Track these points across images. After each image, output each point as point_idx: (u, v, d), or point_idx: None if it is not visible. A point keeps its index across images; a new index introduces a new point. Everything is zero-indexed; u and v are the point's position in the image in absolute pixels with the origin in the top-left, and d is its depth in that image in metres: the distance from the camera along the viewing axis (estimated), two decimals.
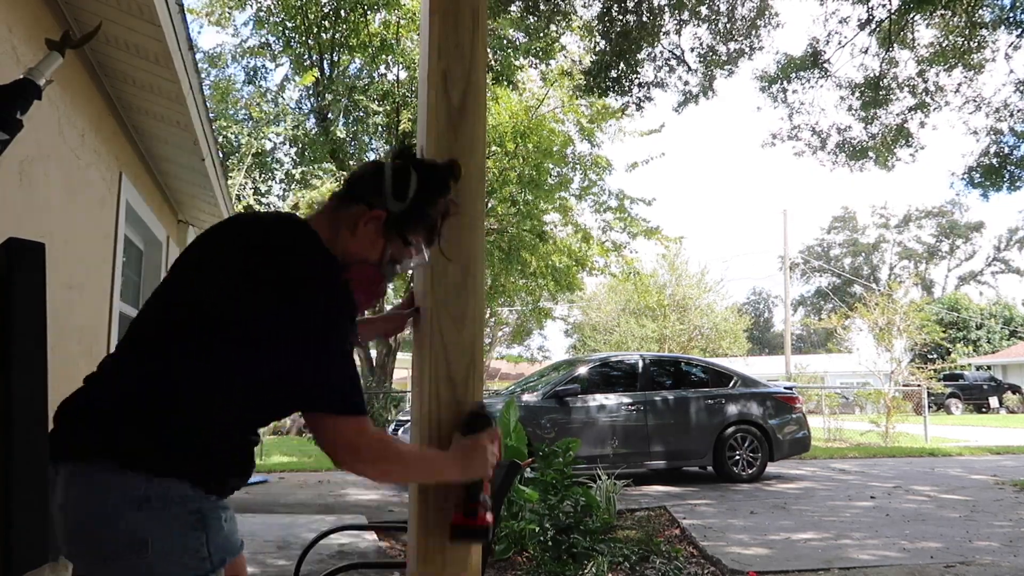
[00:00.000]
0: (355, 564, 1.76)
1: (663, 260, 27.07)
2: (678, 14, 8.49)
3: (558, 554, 4.71)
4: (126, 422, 1.25)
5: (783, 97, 10.21)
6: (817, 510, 6.90)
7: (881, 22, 9.12)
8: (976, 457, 12.42)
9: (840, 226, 56.35)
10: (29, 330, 1.82)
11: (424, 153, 1.68)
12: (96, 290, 3.65)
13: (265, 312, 1.28)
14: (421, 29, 1.87)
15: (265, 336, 1.28)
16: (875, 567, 4.77)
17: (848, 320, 18.85)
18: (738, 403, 9.09)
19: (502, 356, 30.64)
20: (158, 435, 1.25)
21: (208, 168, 4.69)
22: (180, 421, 1.26)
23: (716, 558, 4.93)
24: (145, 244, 5.33)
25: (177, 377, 1.26)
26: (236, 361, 1.28)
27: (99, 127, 3.56)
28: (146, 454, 1.24)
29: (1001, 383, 30.15)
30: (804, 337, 54.64)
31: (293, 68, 13.00)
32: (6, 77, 2.13)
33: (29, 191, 2.61)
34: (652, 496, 7.78)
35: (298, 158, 13.01)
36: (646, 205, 14.51)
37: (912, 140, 10.07)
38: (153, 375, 1.27)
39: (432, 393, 1.60)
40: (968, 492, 8.09)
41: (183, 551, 1.24)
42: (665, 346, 26.02)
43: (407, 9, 11.76)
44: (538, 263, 13.27)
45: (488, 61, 8.04)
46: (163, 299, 1.38)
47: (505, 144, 12.26)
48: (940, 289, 52.41)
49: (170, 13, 3.01)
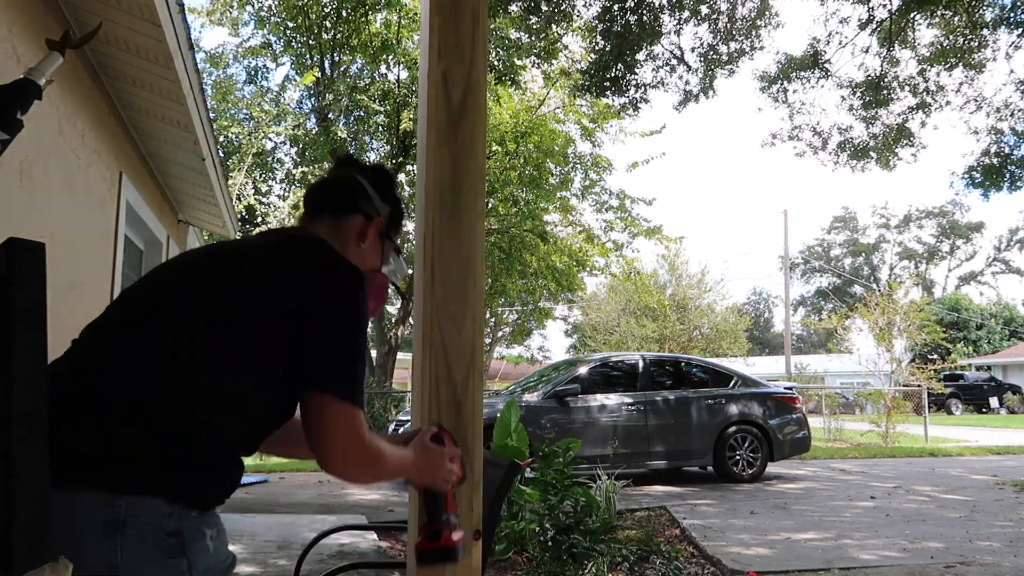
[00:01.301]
0: (355, 564, 1.76)
1: (663, 260, 27.09)
2: (678, 13, 8.49)
3: (558, 554, 4.71)
4: (88, 432, 1.08)
5: (784, 97, 10.21)
6: (817, 510, 6.90)
7: (882, 22, 9.12)
8: (976, 457, 12.41)
9: (840, 226, 56.34)
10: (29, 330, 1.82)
11: (425, 152, 1.68)
12: (96, 290, 3.65)
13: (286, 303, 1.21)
14: (421, 29, 1.86)
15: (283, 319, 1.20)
16: (875, 567, 4.76)
17: (848, 320, 18.84)
18: (738, 403, 9.09)
19: (502, 356, 30.63)
20: (126, 443, 1.08)
21: (208, 168, 4.69)
22: (162, 425, 1.10)
23: (716, 558, 4.93)
24: (145, 244, 5.33)
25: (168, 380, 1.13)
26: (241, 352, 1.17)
27: (99, 127, 3.56)
28: (109, 467, 1.06)
29: (1001, 383, 30.17)
30: (804, 337, 54.65)
31: (294, 68, 13.01)
32: (6, 77, 2.13)
33: (29, 191, 2.61)
34: (652, 496, 7.78)
35: (298, 158, 13.02)
36: (647, 205, 14.53)
37: (913, 140, 10.07)
38: (135, 377, 1.13)
39: (432, 393, 1.60)
40: (968, 492, 8.09)
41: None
42: (665, 346, 26.01)
43: (408, 9, 11.76)
44: (538, 263, 13.28)
45: (490, 61, 8.05)
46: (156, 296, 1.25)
47: (506, 144, 12.26)
48: (940, 289, 52.42)
49: (170, 13, 3.01)
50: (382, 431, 11.23)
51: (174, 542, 1.09)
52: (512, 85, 11.58)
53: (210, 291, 1.22)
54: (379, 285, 1.53)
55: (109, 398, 1.11)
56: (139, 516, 1.06)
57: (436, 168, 1.66)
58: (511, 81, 11.40)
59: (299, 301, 1.22)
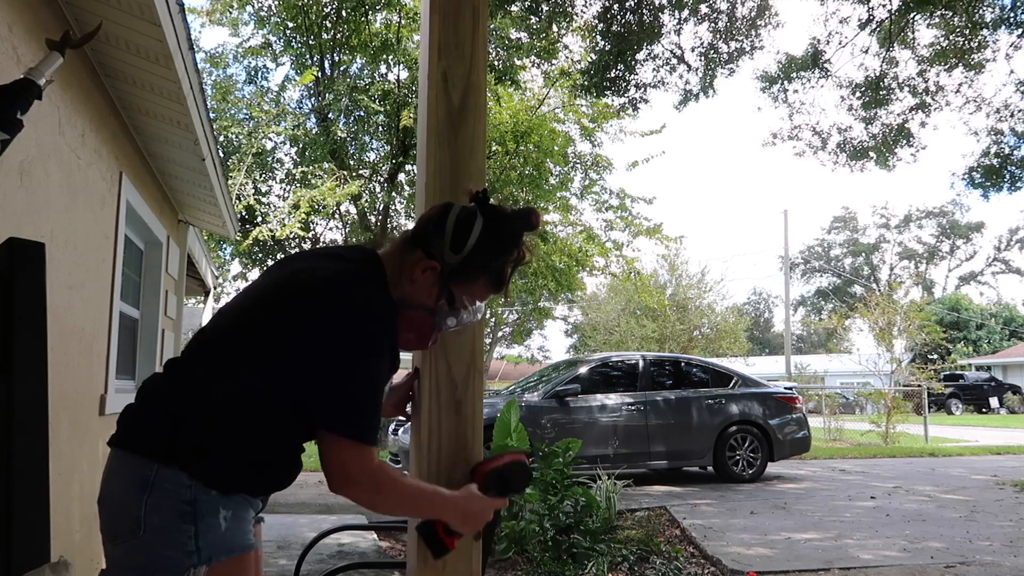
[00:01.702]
0: (355, 564, 1.76)
1: (663, 260, 27.07)
2: (678, 13, 8.49)
3: (558, 554, 4.71)
4: (150, 414, 1.37)
5: (784, 97, 10.20)
6: (818, 510, 6.90)
7: (882, 22, 9.12)
8: (977, 457, 12.42)
9: (840, 226, 56.32)
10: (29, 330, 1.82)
11: (425, 152, 1.68)
12: (96, 290, 3.65)
13: (298, 336, 1.34)
14: (421, 29, 1.86)
15: (297, 357, 1.34)
16: (876, 567, 4.76)
17: (848, 320, 18.85)
18: (738, 403, 9.09)
19: (502, 356, 30.61)
20: (169, 426, 1.33)
21: (208, 168, 4.69)
22: (195, 419, 1.33)
23: (716, 558, 4.93)
24: (145, 244, 5.32)
25: (206, 387, 1.35)
26: (265, 378, 1.35)
27: (99, 127, 3.56)
28: (151, 440, 1.32)
29: (1001, 383, 30.17)
30: (804, 337, 54.65)
31: (294, 68, 13.00)
32: (6, 77, 2.13)
33: (29, 191, 2.61)
34: (652, 496, 7.78)
35: (299, 158, 12.99)
36: (647, 204, 14.50)
37: (913, 140, 10.05)
38: (189, 380, 1.38)
39: (432, 393, 1.60)
40: (969, 492, 8.09)
41: (169, 540, 1.27)
42: (666, 346, 25.99)
43: (408, 9, 11.75)
44: (538, 263, 13.26)
45: (490, 61, 8.05)
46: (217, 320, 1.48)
47: (506, 144, 12.25)
48: (940, 289, 52.41)
49: (170, 13, 3.01)
50: (382, 431, 11.24)
51: (188, 510, 1.28)
52: (512, 85, 11.56)
53: (241, 328, 1.41)
54: (420, 322, 1.47)
55: (169, 397, 1.38)
56: (165, 481, 1.28)
57: (436, 168, 1.66)
58: (511, 81, 11.38)
59: (309, 341, 1.34)
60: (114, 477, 1.34)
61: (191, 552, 1.27)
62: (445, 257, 1.42)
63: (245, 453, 1.35)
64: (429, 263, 1.43)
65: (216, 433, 1.33)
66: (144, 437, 1.34)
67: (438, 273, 1.43)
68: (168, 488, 1.28)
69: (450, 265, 1.42)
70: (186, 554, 1.27)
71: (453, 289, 1.45)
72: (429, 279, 1.44)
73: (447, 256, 1.42)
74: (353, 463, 1.33)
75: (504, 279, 1.48)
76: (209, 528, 1.29)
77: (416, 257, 1.45)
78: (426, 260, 1.43)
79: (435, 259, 1.43)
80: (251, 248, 11.94)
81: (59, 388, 2.82)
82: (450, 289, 1.45)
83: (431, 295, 1.45)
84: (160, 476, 1.28)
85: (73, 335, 3.24)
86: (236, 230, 7.40)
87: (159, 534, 1.27)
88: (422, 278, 1.44)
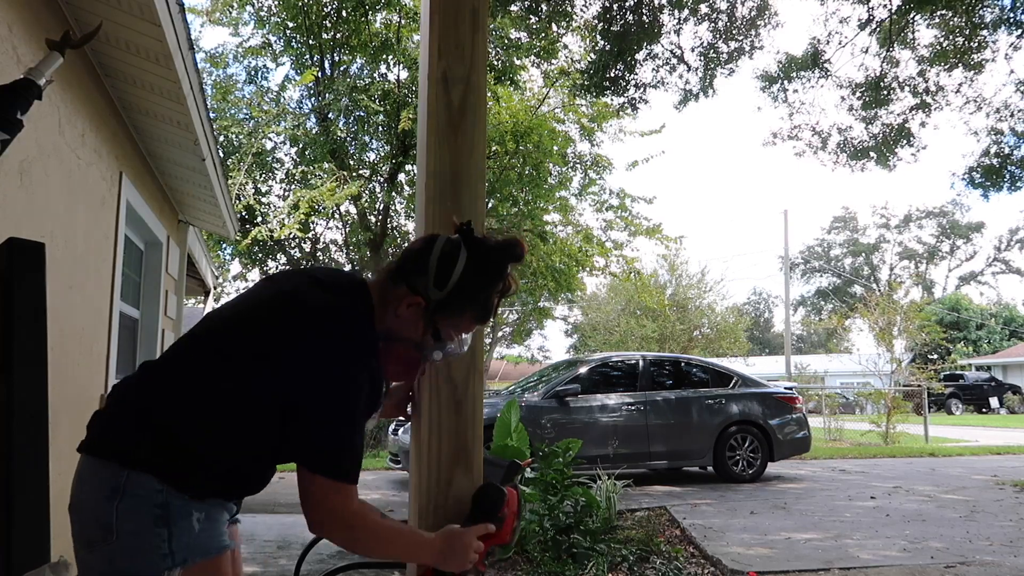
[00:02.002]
0: (355, 564, 1.76)
1: (663, 260, 27.08)
2: (678, 13, 8.49)
3: (558, 554, 4.71)
4: (121, 419, 1.37)
5: (784, 97, 10.20)
6: (818, 510, 6.90)
7: (882, 22, 9.12)
8: (977, 457, 12.42)
9: (840, 226, 56.32)
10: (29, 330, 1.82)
11: (425, 152, 1.68)
12: (96, 290, 3.65)
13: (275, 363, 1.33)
14: (421, 29, 1.86)
15: (274, 382, 1.33)
16: (876, 567, 4.76)
17: (848, 320, 18.85)
18: (738, 403, 9.09)
19: (502, 356, 30.61)
20: (140, 431, 1.32)
21: (208, 168, 4.69)
22: (168, 424, 1.32)
23: (716, 558, 4.93)
24: (145, 244, 5.33)
25: (181, 394, 1.35)
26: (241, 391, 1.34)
27: (99, 127, 3.56)
28: (122, 446, 1.32)
29: (1001, 383, 30.17)
30: (804, 337, 54.65)
31: (294, 68, 13.00)
32: (6, 77, 2.13)
33: (29, 191, 2.61)
34: (652, 496, 7.78)
35: (298, 158, 13.00)
36: (647, 203, 14.50)
37: (913, 140, 10.06)
38: (163, 386, 1.37)
39: (432, 393, 1.60)
40: (969, 492, 8.09)
41: (143, 545, 1.27)
42: (666, 346, 25.99)
43: (408, 9, 11.75)
44: (538, 263, 13.25)
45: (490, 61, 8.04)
46: (199, 327, 1.47)
47: (505, 144, 12.25)
48: (940, 289, 52.42)
49: (170, 13, 3.01)
50: (382, 431, 11.22)
51: (160, 513, 1.28)
52: (512, 85, 11.57)
53: (221, 342, 1.40)
54: (406, 356, 1.49)
55: (143, 402, 1.37)
56: (136, 487, 1.28)
57: (436, 168, 1.66)
58: (511, 81, 11.38)
59: (283, 372, 1.33)
60: (84, 483, 1.34)
61: (165, 555, 1.28)
62: (430, 293, 1.42)
63: (217, 460, 1.34)
64: (414, 299, 1.43)
65: (188, 439, 1.32)
66: (114, 443, 1.33)
67: (423, 309, 1.43)
68: (140, 494, 1.28)
69: (435, 300, 1.43)
70: (160, 557, 1.27)
71: (439, 323, 1.45)
72: (414, 314, 1.44)
73: (431, 292, 1.42)
74: (327, 502, 1.34)
75: (490, 311, 1.48)
76: (183, 531, 1.30)
77: (401, 292, 1.45)
78: (411, 296, 1.43)
79: (419, 295, 1.43)
80: (251, 248, 11.95)
81: (59, 388, 2.82)
82: (436, 323, 1.44)
83: (416, 330, 1.45)
84: (131, 482, 1.28)
85: (73, 335, 3.24)
86: (236, 230, 7.40)
87: (133, 539, 1.27)
88: (407, 312, 1.44)
